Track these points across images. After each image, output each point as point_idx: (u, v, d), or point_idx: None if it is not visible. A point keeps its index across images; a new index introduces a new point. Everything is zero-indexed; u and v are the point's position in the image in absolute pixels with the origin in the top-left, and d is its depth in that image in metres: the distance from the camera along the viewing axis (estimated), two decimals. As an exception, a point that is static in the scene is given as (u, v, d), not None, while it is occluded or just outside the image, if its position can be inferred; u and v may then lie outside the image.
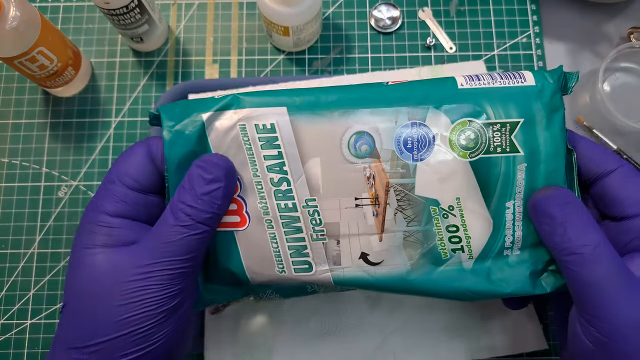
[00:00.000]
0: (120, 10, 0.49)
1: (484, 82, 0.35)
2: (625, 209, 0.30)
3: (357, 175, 0.34)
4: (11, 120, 0.56)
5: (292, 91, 0.36)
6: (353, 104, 0.35)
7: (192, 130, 0.34)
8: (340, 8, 0.60)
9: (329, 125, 0.34)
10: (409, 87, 0.35)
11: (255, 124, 0.34)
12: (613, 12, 0.60)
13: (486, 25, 0.59)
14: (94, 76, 0.58)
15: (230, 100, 0.35)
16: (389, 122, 0.34)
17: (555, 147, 0.34)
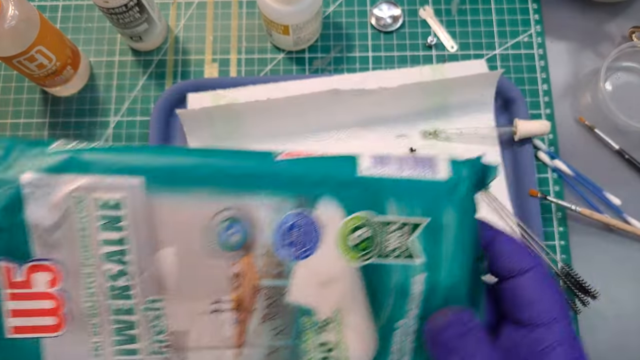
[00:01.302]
0: (119, 9, 0.49)
1: (391, 169, 0.29)
2: (537, 316, 0.27)
3: (221, 272, 0.27)
4: (10, 119, 0.56)
5: (155, 152, 0.28)
6: (230, 182, 0.28)
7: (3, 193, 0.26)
8: (341, 7, 0.59)
9: (194, 207, 0.27)
10: (302, 166, 0.29)
11: (96, 198, 0.27)
12: (615, 12, 0.60)
13: (488, 24, 0.59)
14: (92, 75, 0.57)
15: (69, 159, 0.27)
16: (270, 208, 0.28)
17: (461, 255, 0.28)
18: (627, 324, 0.52)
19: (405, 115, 0.54)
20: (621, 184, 0.55)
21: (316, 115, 0.53)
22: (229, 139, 0.53)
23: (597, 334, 0.51)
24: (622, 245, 0.54)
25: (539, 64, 0.58)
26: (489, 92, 0.54)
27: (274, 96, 0.53)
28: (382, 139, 0.54)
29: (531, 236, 0.51)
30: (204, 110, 0.51)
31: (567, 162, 0.55)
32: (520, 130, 0.52)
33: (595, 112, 0.57)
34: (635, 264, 0.53)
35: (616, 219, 0.53)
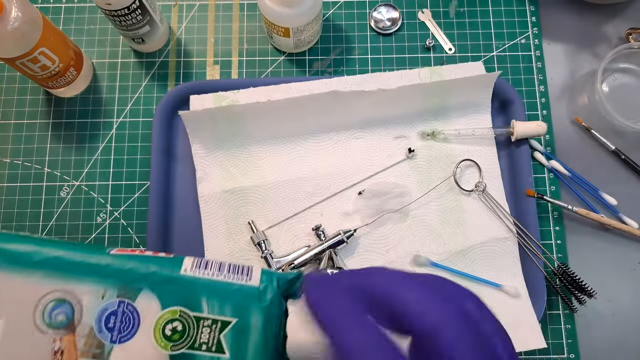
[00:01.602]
0: (121, 12, 0.49)
1: (210, 272, 0.33)
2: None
3: (45, 347, 0.30)
4: (13, 120, 0.57)
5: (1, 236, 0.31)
6: (62, 268, 0.31)
7: None
8: (340, 9, 0.60)
9: (27, 285, 0.30)
10: (130, 261, 0.32)
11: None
12: (612, 13, 0.60)
13: (485, 27, 0.59)
14: (95, 77, 0.58)
15: None
16: (96, 295, 0.31)
17: (264, 353, 0.31)
18: (623, 322, 0.52)
19: (404, 116, 0.55)
20: (617, 184, 0.55)
21: (316, 117, 0.54)
22: (230, 140, 0.54)
23: (593, 332, 0.52)
24: (618, 244, 0.54)
25: (536, 66, 0.58)
26: (486, 94, 0.54)
27: (275, 97, 0.53)
28: (381, 140, 0.55)
29: (528, 235, 0.51)
30: (206, 111, 0.51)
31: (563, 162, 0.55)
32: (517, 131, 0.52)
33: (592, 113, 0.57)
34: (631, 263, 0.54)
35: (612, 218, 0.54)
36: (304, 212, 0.53)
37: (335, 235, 0.50)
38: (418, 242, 0.52)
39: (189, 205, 0.53)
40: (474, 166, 0.54)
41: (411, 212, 0.53)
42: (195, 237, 0.53)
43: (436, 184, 0.53)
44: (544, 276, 0.51)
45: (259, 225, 0.52)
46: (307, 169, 0.54)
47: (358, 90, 0.52)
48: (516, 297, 0.51)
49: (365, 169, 0.54)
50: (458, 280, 0.51)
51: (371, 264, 0.51)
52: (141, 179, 0.55)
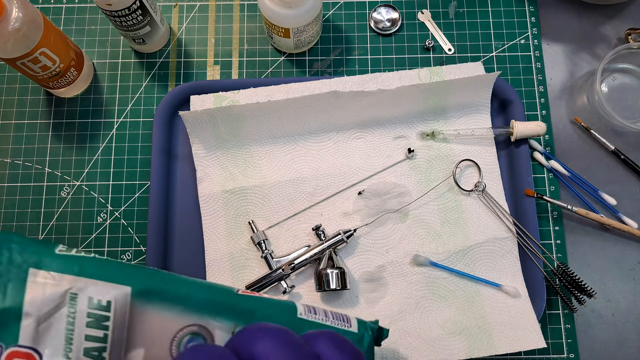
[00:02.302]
0: (122, 12, 0.50)
1: (319, 317, 0.37)
2: None
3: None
4: (14, 120, 0.57)
5: (143, 271, 0.34)
6: (198, 305, 0.34)
7: (9, 279, 0.30)
8: (340, 10, 0.60)
9: (167, 318, 0.33)
10: (256, 302, 0.36)
11: (90, 297, 0.31)
12: (611, 14, 0.60)
13: (485, 27, 0.60)
14: (96, 77, 0.58)
15: (72, 263, 0.32)
16: (226, 330, 0.34)
17: None
18: (623, 322, 0.52)
19: (404, 116, 0.55)
20: (616, 184, 0.55)
21: (316, 117, 0.54)
22: (231, 140, 0.54)
23: (593, 332, 0.52)
24: (617, 244, 0.54)
25: (536, 66, 0.59)
26: (485, 94, 0.55)
27: (275, 98, 0.54)
28: (381, 140, 0.55)
29: (527, 235, 0.52)
30: (206, 111, 0.51)
31: (562, 162, 0.55)
32: (517, 131, 0.53)
33: (591, 113, 0.57)
34: (631, 263, 0.54)
35: (612, 218, 0.54)
36: (304, 212, 0.53)
37: (335, 235, 0.50)
38: (418, 242, 0.52)
39: (189, 205, 0.53)
40: (473, 166, 0.54)
41: (411, 212, 0.53)
42: (196, 236, 0.53)
43: (436, 184, 0.53)
44: (544, 276, 0.51)
45: (259, 225, 0.52)
46: (307, 169, 0.54)
47: (358, 90, 0.52)
48: (516, 297, 0.51)
49: (365, 169, 0.54)
50: (458, 280, 0.51)
51: (371, 263, 0.51)
52: (141, 179, 0.55)
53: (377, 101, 0.53)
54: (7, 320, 0.29)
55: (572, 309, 0.50)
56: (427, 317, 0.50)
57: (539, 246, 0.51)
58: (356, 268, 0.51)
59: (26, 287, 0.30)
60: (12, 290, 0.30)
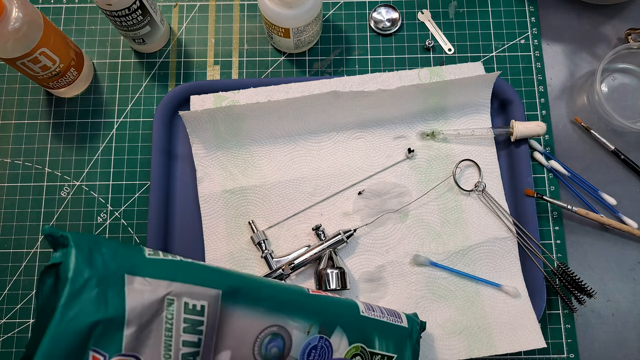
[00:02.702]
0: (122, 12, 0.50)
1: (376, 313, 0.40)
2: None
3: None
4: (14, 120, 0.57)
5: (228, 274, 0.34)
6: (278, 307, 0.35)
7: (108, 287, 0.29)
8: (340, 10, 0.60)
9: (251, 320, 0.33)
10: (326, 301, 0.38)
11: (186, 302, 0.31)
12: (611, 14, 0.60)
13: (485, 27, 0.60)
14: (96, 77, 0.58)
15: (164, 267, 0.31)
16: (303, 330, 0.35)
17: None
18: (623, 322, 0.52)
19: (404, 116, 0.55)
20: (616, 184, 0.55)
21: (316, 117, 0.54)
22: (231, 140, 0.54)
23: (593, 332, 0.52)
24: (617, 244, 0.54)
25: (536, 66, 0.59)
26: (485, 94, 0.55)
27: (275, 98, 0.54)
28: (381, 140, 0.55)
29: (527, 235, 0.52)
30: (206, 111, 0.51)
31: (562, 162, 0.55)
32: (517, 131, 0.53)
33: (591, 113, 0.57)
34: (631, 263, 0.54)
35: (611, 218, 0.54)
36: (304, 212, 0.53)
37: (335, 235, 0.50)
38: (418, 242, 0.52)
39: (189, 205, 0.53)
40: (473, 166, 0.54)
41: (411, 212, 0.53)
42: (195, 236, 0.53)
43: (436, 184, 0.53)
44: (544, 276, 0.51)
45: (259, 225, 0.52)
46: (307, 169, 0.54)
47: (358, 90, 0.52)
48: (516, 297, 0.51)
49: (365, 169, 0.54)
50: (458, 280, 0.51)
51: (371, 263, 0.51)
52: (141, 179, 0.55)
53: (377, 101, 0.53)
54: (112, 330, 0.29)
55: (572, 309, 0.50)
56: (427, 317, 0.50)
57: (539, 246, 0.51)
58: (356, 268, 0.51)
59: (125, 294, 0.29)
60: (113, 297, 0.29)
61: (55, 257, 0.30)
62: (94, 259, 0.29)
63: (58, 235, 0.30)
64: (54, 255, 0.30)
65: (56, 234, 0.30)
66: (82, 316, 0.28)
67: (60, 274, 0.29)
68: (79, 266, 0.29)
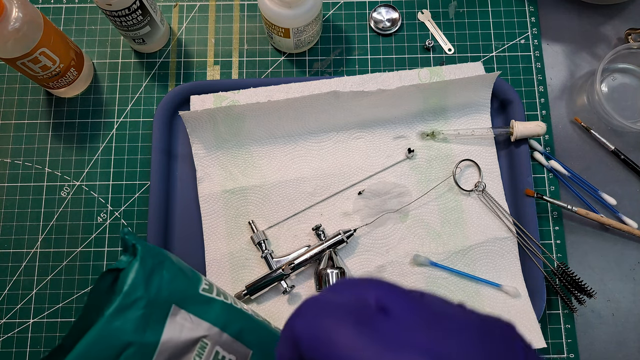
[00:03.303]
0: (122, 12, 0.50)
1: None
2: None
3: None
4: (14, 120, 0.57)
5: (268, 333, 0.34)
6: None
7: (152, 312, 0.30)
8: (340, 10, 0.60)
9: None
10: None
11: (217, 351, 0.31)
12: (611, 14, 0.60)
13: (485, 27, 0.60)
14: (96, 77, 0.58)
15: (212, 308, 0.31)
16: None
17: None
18: (623, 322, 0.52)
19: (404, 116, 0.55)
20: (616, 184, 0.55)
21: (316, 117, 0.54)
22: (231, 140, 0.54)
23: (593, 332, 0.52)
24: (617, 244, 0.54)
25: (536, 66, 0.59)
26: (485, 94, 0.55)
27: (275, 98, 0.54)
28: (381, 140, 0.55)
29: (527, 235, 0.52)
30: (206, 111, 0.51)
31: (562, 162, 0.55)
32: (517, 131, 0.52)
33: (591, 113, 0.57)
34: (631, 263, 0.54)
35: (611, 218, 0.54)
36: (304, 212, 0.53)
37: (335, 235, 0.50)
38: (418, 242, 0.52)
39: (189, 205, 0.53)
40: (473, 166, 0.54)
41: (411, 212, 0.53)
42: (195, 236, 0.53)
43: (436, 184, 0.53)
44: (544, 276, 0.51)
45: (259, 225, 0.52)
46: (307, 169, 0.54)
47: (358, 90, 0.52)
48: (516, 297, 0.51)
49: (365, 169, 0.54)
50: (458, 280, 0.51)
51: (371, 263, 0.51)
52: (141, 179, 0.55)
53: (377, 101, 0.53)
54: (143, 354, 0.29)
55: (572, 309, 0.50)
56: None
57: (539, 246, 0.51)
58: (356, 268, 0.51)
59: (166, 324, 0.30)
60: (153, 324, 0.29)
61: (121, 261, 0.31)
62: (152, 280, 0.30)
63: (131, 243, 0.31)
64: (120, 258, 0.31)
65: (129, 241, 0.31)
66: (122, 332, 0.28)
67: (118, 281, 0.30)
68: (136, 282, 0.29)
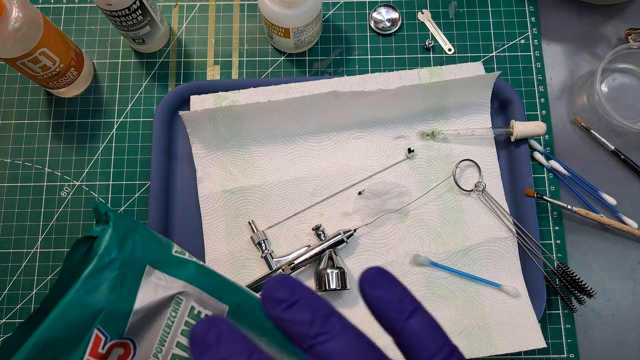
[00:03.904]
0: (122, 12, 0.50)
1: None
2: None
3: None
4: (14, 120, 0.57)
5: (240, 292, 0.34)
6: (274, 337, 0.34)
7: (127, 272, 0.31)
8: (340, 10, 0.60)
9: None
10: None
11: (193, 306, 0.32)
12: (611, 14, 0.60)
13: (485, 27, 0.60)
14: (96, 77, 0.58)
15: (186, 268, 0.32)
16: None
17: None
18: (623, 322, 0.52)
19: (404, 116, 0.55)
20: (616, 184, 0.55)
21: (316, 117, 0.54)
22: (231, 140, 0.54)
23: (593, 332, 0.52)
24: (617, 244, 0.54)
25: (536, 66, 0.59)
26: (485, 94, 0.55)
27: (275, 98, 0.54)
28: (381, 140, 0.55)
29: (527, 235, 0.52)
30: (206, 111, 0.51)
31: (562, 162, 0.55)
32: (517, 131, 0.52)
33: (591, 113, 0.57)
34: (631, 263, 0.54)
35: (611, 218, 0.54)
36: (304, 212, 0.53)
37: (335, 235, 0.50)
38: (418, 242, 0.52)
39: (189, 205, 0.53)
40: (473, 166, 0.54)
41: (411, 212, 0.53)
42: (195, 237, 0.53)
43: (436, 184, 0.53)
44: (544, 276, 0.51)
45: (259, 225, 0.52)
46: (307, 169, 0.54)
47: (358, 90, 0.52)
48: (516, 297, 0.51)
49: (365, 169, 0.54)
50: (458, 280, 0.51)
51: (371, 263, 0.51)
52: (141, 179, 0.55)
53: (377, 101, 0.53)
54: (118, 315, 0.30)
55: (572, 309, 0.50)
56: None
57: (539, 246, 0.51)
58: (356, 268, 0.51)
59: (140, 284, 0.30)
60: (129, 284, 0.30)
61: (94, 230, 0.32)
62: (125, 242, 0.31)
63: (103, 211, 0.32)
64: (94, 228, 0.32)
65: (102, 210, 0.32)
66: (98, 293, 0.29)
67: (93, 248, 0.31)
68: (109, 246, 0.30)
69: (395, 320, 0.21)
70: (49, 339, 0.28)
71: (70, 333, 0.29)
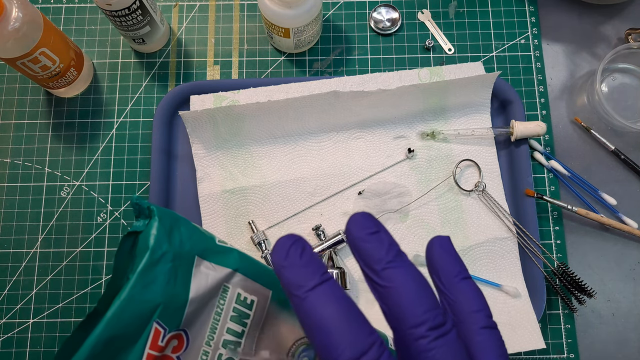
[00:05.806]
0: (122, 12, 0.50)
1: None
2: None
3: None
4: (14, 120, 0.57)
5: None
6: None
7: (180, 265, 0.31)
8: (340, 10, 0.60)
9: (291, 327, 0.34)
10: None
11: (239, 292, 0.33)
12: (611, 14, 0.60)
13: (485, 27, 0.60)
14: (96, 77, 0.58)
15: (231, 257, 0.33)
16: None
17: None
18: (623, 322, 0.52)
19: (404, 116, 0.55)
20: (617, 184, 0.55)
21: (316, 117, 0.54)
22: (231, 140, 0.54)
23: (593, 332, 0.52)
24: (617, 244, 0.54)
25: (536, 66, 0.59)
26: (485, 94, 0.55)
27: (275, 98, 0.54)
28: (381, 140, 0.55)
29: (528, 235, 0.52)
30: (206, 111, 0.51)
31: (563, 162, 0.55)
32: (517, 131, 0.52)
33: (591, 113, 0.57)
34: (631, 263, 0.54)
35: (612, 218, 0.54)
36: (304, 212, 0.53)
37: (335, 235, 0.50)
38: (418, 242, 0.52)
39: (189, 205, 0.53)
40: (473, 166, 0.54)
41: (411, 212, 0.53)
42: (196, 237, 0.53)
43: (436, 184, 0.53)
44: (544, 276, 0.51)
45: (259, 225, 0.52)
46: (307, 169, 0.54)
47: (358, 90, 0.52)
48: (516, 297, 0.51)
49: (365, 169, 0.54)
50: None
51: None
52: (141, 179, 0.55)
53: (377, 101, 0.53)
54: (175, 307, 0.30)
55: (572, 309, 0.50)
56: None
57: (539, 246, 0.51)
58: (356, 268, 0.51)
59: (192, 274, 0.31)
60: (182, 276, 0.31)
61: (136, 225, 0.31)
62: (173, 235, 0.31)
63: (145, 206, 0.32)
64: (135, 224, 0.32)
65: (143, 204, 0.32)
66: (154, 287, 0.29)
67: (139, 243, 0.30)
68: (159, 238, 0.30)
69: (377, 260, 0.23)
70: (108, 337, 0.28)
71: (129, 329, 0.29)
